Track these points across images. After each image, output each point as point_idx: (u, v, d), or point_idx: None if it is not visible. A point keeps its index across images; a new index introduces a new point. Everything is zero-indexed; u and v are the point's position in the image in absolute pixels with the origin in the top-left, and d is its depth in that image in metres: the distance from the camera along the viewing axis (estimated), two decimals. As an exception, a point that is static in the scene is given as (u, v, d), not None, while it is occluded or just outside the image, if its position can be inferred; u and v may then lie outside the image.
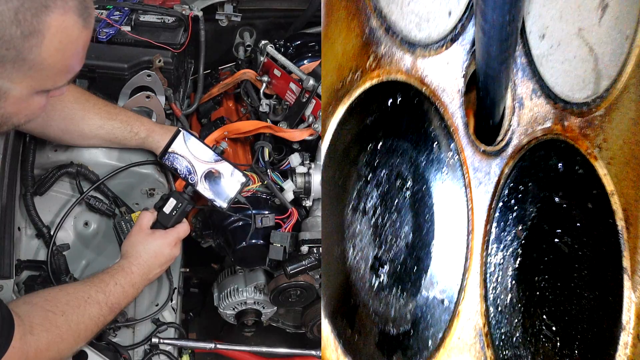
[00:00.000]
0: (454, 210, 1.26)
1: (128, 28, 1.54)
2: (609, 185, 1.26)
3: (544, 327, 1.28)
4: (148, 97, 1.46)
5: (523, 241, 1.29)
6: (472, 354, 1.25)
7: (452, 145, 1.24)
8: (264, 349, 1.58)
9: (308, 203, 1.48)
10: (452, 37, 1.22)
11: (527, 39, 1.21)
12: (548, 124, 1.26)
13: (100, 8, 1.57)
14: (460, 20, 1.20)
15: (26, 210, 1.33)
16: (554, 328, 1.27)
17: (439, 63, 1.21)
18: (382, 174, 1.21)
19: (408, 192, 1.23)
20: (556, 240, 1.29)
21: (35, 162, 1.35)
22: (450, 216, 1.25)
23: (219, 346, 1.45)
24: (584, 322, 1.26)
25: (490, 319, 1.26)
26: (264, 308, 1.63)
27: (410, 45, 1.19)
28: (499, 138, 1.29)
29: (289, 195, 1.44)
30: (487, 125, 1.27)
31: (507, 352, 1.26)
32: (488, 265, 1.28)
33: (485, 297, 1.27)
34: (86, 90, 1.37)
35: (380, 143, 1.20)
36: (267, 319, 1.70)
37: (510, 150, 1.28)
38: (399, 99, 1.20)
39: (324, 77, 1.16)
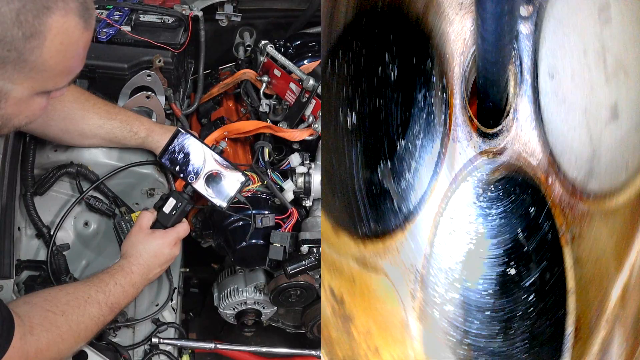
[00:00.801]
0: (429, 136, 1.23)
1: (128, 28, 1.54)
2: (571, 280, 1.19)
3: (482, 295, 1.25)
4: (148, 97, 1.46)
5: (479, 236, 1.26)
6: (405, 278, 1.25)
7: (444, 106, 1.23)
8: (264, 349, 1.58)
9: (308, 203, 1.48)
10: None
11: (537, 76, 1.21)
12: (534, 162, 1.23)
13: (100, 8, 1.57)
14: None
15: (26, 210, 1.33)
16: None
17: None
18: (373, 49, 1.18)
19: (394, 73, 1.21)
20: (512, 269, 1.24)
21: (35, 162, 1.35)
22: (424, 139, 1.23)
23: (219, 346, 1.45)
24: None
25: (430, 266, 1.24)
26: (264, 308, 1.63)
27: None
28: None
29: (289, 195, 1.44)
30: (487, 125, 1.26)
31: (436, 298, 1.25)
32: (440, 221, 1.26)
33: (431, 244, 1.25)
34: (86, 90, 1.37)
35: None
36: (267, 319, 1.70)
37: (498, 145, 1.26)
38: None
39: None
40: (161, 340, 1.34)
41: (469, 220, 1.23)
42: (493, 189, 1.23)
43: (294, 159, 1.47)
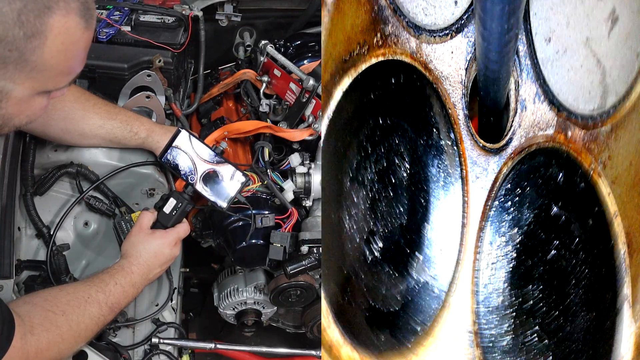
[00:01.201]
0: (450, 200, 1.24)
1: (128, 28, 1.54)
2: (613, 205, 1.20)
3: (535, 339, 1.25)
4: (148, 97, 1.46)
5: (518, 245, 1.27)
6: (460, 349, 1.23)
7: (451, 134, 1.22)
8: (264, 349, 1.58)
9: (308, 203, 1.48)
10: (457, 27, 1.20)
11: (532, 41, 1.19)
12: (550, 131, 1.23)
13: (100, 8, 1.57)
14: (466, 11, 1.19)
15: (26, 210, 1.33)
16: (546, 341, 1.23)
17: (443, 51, 1.20)
18: (381, 150, 1.19)
19: (404, 173, 1.21)
20: (553, 251, 1.25)
21: (35, 162, 1.35)
22: (445, 205, 1.23)
23: (219, 346, 1.45)
24: (579, 342, 1.21)
25: (479, 318, 1.24)
26: (264, 308, 1.63)
27: (416, 29, 1.18)
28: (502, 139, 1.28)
29: (289, 195, 1.44)
30: (488, 124, 1.26)
31: (496, 355, 1.24)
32: (480, 261, 1.26)
33: (476, 294, 1.25)
34: (86, 90, 1.37)
35: (381, 119, 1.19)
36: (267, 319, 1.70)
37: (509, 150, 1.26)
38: (402, 79, 1.19)
39: (334, 46, 1.15)
40: (161, 340, 1.34)
41: (505, 239, 1.23)
42: (510, 188, 1.23)
43: (294, 159, 1.47)
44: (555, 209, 1.24)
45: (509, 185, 1.27)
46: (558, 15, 1.17)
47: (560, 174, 1.24)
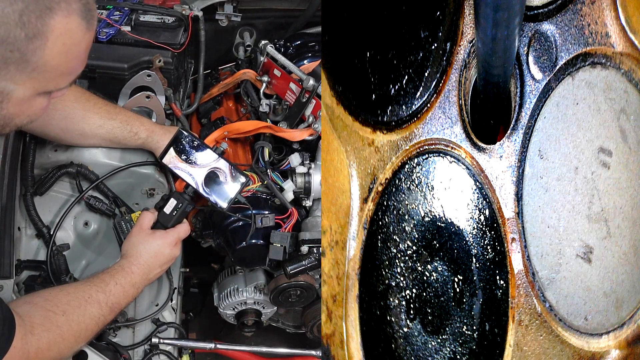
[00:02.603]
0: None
1: (128, 28, 1.54)
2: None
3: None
4: (148, 97, 1.46)
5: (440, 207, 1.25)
6: None
7: (440, 68, 1.20)
8: (264, 349, 1.58)
9: (308, 203, 1.48)
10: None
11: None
12: (506, 214, 1.16)
13: (100, 8, 1.57)
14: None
15: (26, 210, 1.33)
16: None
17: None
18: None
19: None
20: (458, 274, 1.20)
21: (35, 162, 1.35)
22: None
23: (219, 346, 1.45)
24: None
25: (385, 193, 1.23)
26: (264, 308, 1.63)
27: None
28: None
29: (289, 195, 1.44)
30: (487, 124, 1.25)
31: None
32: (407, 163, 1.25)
33: (394, 175, 1.23)
34: (86, 90, 1.37)
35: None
36: (267, 319, 1.70)
37: (478, 157, 1.20)
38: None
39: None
40: (161, 340, 1.34)
41: (432, 191, 1.19)
42: (460, 190, 1.18)
43: (294, 159, 1.47)
44: (473, 259, 1.19)
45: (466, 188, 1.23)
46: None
47: (490, 244, 1.18)
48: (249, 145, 1.62)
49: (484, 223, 1.17)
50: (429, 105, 1.20)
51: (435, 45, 1.20)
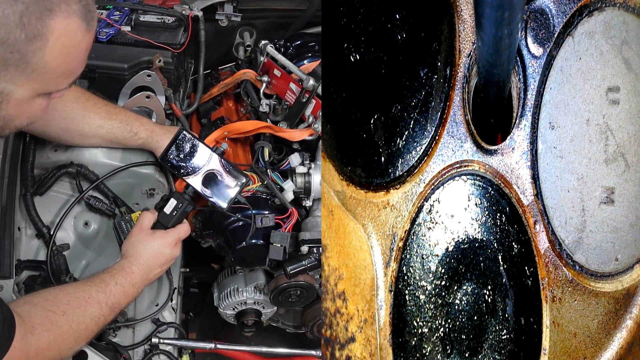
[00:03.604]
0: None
1: (128, 28, 1.54)
2: (545, 340, 1.18)
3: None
4: (148, 97, 1.46)
5: (458, 238, 1.27)
6: None
7: (443, 96, 1.22)
8: (264, 349, 1.58)
9: (308, 203, 1.48)
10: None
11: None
12: (525, 201, 1.19)
13: (100, 8, 1.57)
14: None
15: (26, 210, 1.33)
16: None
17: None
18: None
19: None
20: (487, 286, 1.23)
21: (35, 162, 1.35)
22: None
23: (219, 346, 1.45)
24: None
25: (408, 243, 1.25)
26: (264, 308, 1.63)
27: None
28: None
29: (289, 195, 1.44)
30: (488, 124, 1.25)
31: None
32: (424, 205, 1.25)
33: (412, 222, 1.25)
34: (86, 90, 1.37)
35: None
36: (267, 319, 1.70)
37: (491, 162, 1.22)
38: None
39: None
40: (161, 340, 1.34)
41: (452, 219, 1.22)
42: (479, 202, 1.21)
43: (294, 159, 1.47)
44: (501, 264, 1.22)
45: (482, 196, 1.24)
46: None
47: (516, 246, 1.21)
48: (249, 145, 1.62)
49: (506, 222, 1.20)
50: (437, 137, 1.22)
51: (436, 76, 1.21)
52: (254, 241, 1.41)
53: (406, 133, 1.21)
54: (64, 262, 1.33)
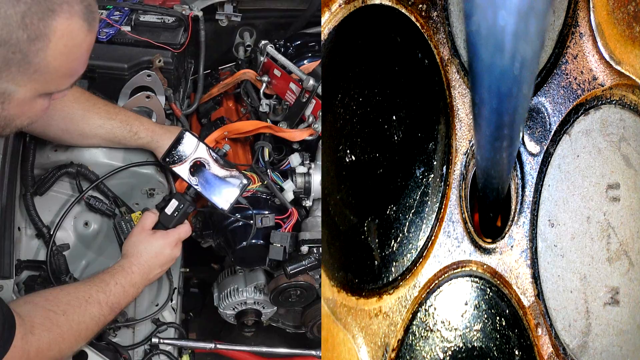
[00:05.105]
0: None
1: (128, 28, 1.54)
2: None
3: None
4: (148, 97, 1.46)
5: (456, 346, 1.22)
6: None
7: (440, 195, 1.19)
8: (264, 349, 1.58)
9: (308, 203, 1.48)
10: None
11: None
12: (525, 302, 1.16)
13: (100, 8, 1.57)
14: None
15: (26, 210, 1.33)
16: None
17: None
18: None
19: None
20: None
21: (35, 162, 1.35)
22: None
23: (219, 346, 1.45)
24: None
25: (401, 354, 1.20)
26: (264, 308, 1.63)
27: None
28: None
29: (289, 195, 1.44)
30: (487, 219, 1.23)
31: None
32: (419, 312, 1.20)
33: (406, 331, 1.20)
34: (86, 90, 1.37)
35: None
36: (267, 319, 1.70)
37: (490, 262, 1.18)
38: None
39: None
40: (161, 340, 1.34)
41: (449, 326, 1.18)
42: (477, 305, 1.17)
43: (294, 159, 1.47)
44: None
45: (480, 299, 1.19)
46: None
47: (518, 352, 1.16)
48: (249, 145, 1.62)
49: (506, 325, 1.16)
50: (433, 238, 1.19)
51: (432, 175, 1.20)
52: (254, 241, 1.41)
53: (401, 235, 1.19)
54: (64, 262, 1.33)
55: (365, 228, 1.20)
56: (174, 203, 1.29)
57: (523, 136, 1.17)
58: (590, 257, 1.13)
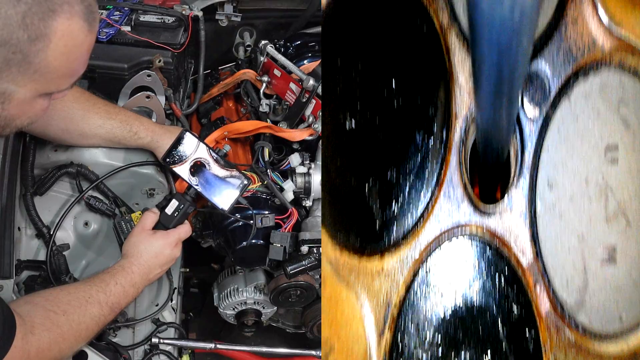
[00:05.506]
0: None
1: (128, 28, 1.54)
2: None
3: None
4: (148, 97, 1.46)
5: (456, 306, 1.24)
6: None
7: (440, 158, 1.21)
8: (264, 349, 1.58)
9: (308, 203, 1.48)
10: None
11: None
12: (524, 263, 1.17)
13: (100, 8, 1.57)
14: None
15: (26, 210, 1.33)
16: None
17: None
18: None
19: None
20: (487, 350, 1.20)
21: (35, 162, 1.35)
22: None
23: (219, 346, 1.45)
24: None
25: (403, 313, 1.22)
26: (264, 308, 1.63)
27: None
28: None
29: (289, 195, 1.44)
30: (487, 183, 1.25)
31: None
32: (419, 271, 1.22)
33: (407, 290, 1.22)
34: (86, 90, 1.37)
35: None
36: (267, 319, 1.70)
37: (489, 224, 1.20)
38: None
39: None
40: (161, 340, 1.34)
41: (449, 284, 1.19)
42: (477, 265, 1.19)
43: (294, 159, 1.47)
44: (500, 329, 1.19)
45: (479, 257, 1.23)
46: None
47: (516, 309, 1.18)
48: (249, 145, 1.62)
49: (505, 284, 1.18)
50: (433, 200, 1.21)
51: (432, 139, 1.21)
52: (254, 241, 1.41)
53: (401, 198, 1.20)
54: (64, 262, 1.33)
55: (367, 191, 1.21)
56: (174, 203, 1.29)
57: (523, 100, 1.18)
58: (588, 218, 1.15)
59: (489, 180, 1.24)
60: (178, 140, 1.34)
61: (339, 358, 1.19)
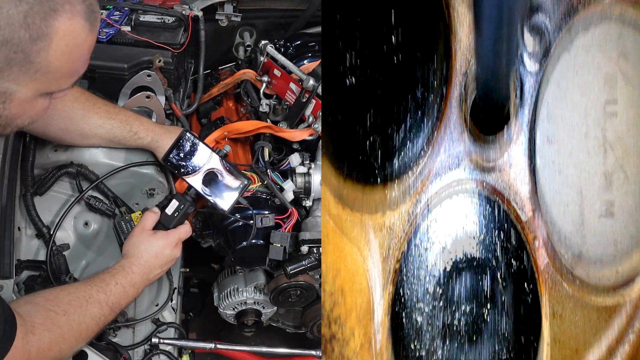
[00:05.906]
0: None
1: (128, 28, 1.54)
2: (546, 358, 1.18)
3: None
4: (148, 97, 1.46)
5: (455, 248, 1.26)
6: None
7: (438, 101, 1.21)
8: (264, 349, 1.58)
9: (308, 203, 1.48)
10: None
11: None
12: (523, 217, 1.18)
13: (100, 8, 1.56)
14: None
15: (26, 210, 1.33)
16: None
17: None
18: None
19: None
20: (486, 303, 1.22)
21: (35, 162, 1.35)
22: None
23: (219, 346, 1.45)
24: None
25: (404, 261, 1.24)
26: (264, 308, 1.63)
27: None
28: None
29: (289, 195, 1.44)
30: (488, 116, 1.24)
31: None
32: (418, 207, 1.24)
33: (408, 232, 1.24)
34: (86, 90, 1.37)
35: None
36: (267, 319, 1.70)
37: (489, 164, 1.21)
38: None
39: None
40: (161, 340, 1.34)
41: (449, 239, 1.20)
42: (477, 220, 1.20)
43: (294, 159, 1.47)
44: (499, 280, 1.20)
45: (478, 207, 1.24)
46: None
47: (515, 263, 1.20)
48: (249, 145, 1.62)
49: (504, 239, 1.19)
50: (434, 156, 1.21)
51: (432, 95, 1.21)
52: (254, 241, 1.41)
53: (402, 153, 1.20)
54: (64, 262, 1.33)
55: (367, 147, 1.21)
56: (174, 203, 1.30)
57: (522, 54, 1.17)
58: (586, 172, 1.15)
59: (489, 113, 1.23)
60: (178, 141, 1.34)
61: (343, 310, 1.20)
